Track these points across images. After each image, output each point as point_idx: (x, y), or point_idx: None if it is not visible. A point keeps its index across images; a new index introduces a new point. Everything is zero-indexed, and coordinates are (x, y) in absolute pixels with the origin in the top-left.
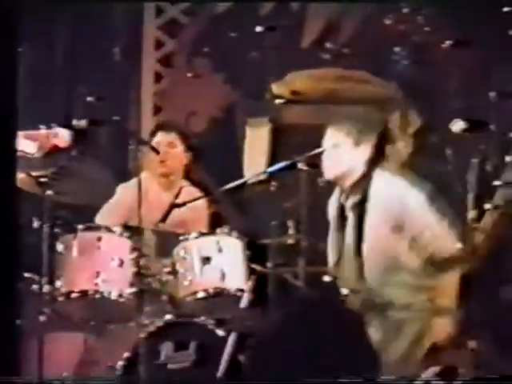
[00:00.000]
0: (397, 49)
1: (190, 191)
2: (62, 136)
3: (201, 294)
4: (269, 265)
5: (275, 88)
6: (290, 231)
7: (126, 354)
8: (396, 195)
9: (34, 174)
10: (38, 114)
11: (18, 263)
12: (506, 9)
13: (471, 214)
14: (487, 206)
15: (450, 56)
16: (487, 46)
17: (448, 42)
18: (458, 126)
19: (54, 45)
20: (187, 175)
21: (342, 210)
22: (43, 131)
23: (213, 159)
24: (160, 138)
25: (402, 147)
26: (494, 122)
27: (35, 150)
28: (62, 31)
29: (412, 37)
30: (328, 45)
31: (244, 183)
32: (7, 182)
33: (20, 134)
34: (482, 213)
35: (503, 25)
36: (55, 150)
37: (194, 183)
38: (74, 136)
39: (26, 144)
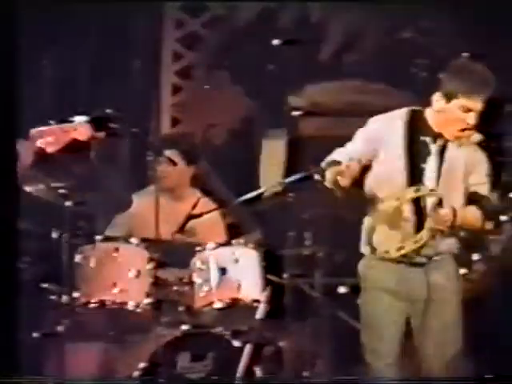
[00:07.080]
0: (415, 61)
1: (206, 203)
2: (83, 129)
3: (217, 305)
4: (285, 275)
5: (293, 100)
6: (307, 242)
7: (143, 364)
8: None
9: (53, 185)
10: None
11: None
12: None
13: None
14: None
15: None
16: (502, 58)
17: (464, 55)
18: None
19: (74, 57)
20: (199, 186)
21: None
22: (59, 125)
23: (230, 170)
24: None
25: None
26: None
27: (50, 146)
28: (81, 43)
29: (430, 49)
30: (346, 57)
31: (261, 194)
32: (7, 188)
33: (32, 131)
34: None
35: None
36: (74, 145)
37: (207, 194)
38: (94, 129)
39: (40, 142)
